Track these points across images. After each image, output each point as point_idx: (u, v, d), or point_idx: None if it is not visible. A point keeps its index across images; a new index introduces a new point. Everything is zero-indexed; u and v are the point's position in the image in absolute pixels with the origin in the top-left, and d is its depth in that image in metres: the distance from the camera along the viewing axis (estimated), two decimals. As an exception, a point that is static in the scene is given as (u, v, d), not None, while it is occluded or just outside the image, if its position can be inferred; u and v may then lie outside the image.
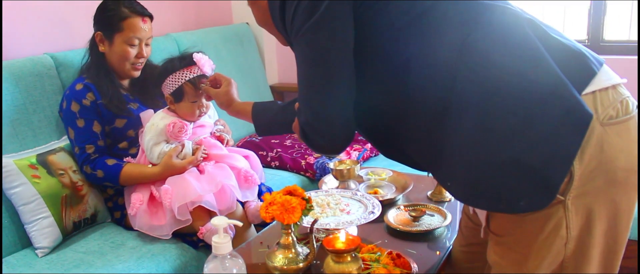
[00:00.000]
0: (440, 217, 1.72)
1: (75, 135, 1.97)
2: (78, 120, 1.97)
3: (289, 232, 1.34)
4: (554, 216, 1.10)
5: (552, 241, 1.12)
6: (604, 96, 1.09)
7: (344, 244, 1.27)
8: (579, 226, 1.11)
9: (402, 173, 2.05)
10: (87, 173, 1.96)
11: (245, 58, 3.15)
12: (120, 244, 1.89)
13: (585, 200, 1.09)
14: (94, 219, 2.01)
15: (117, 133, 2.03)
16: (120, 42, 2.00)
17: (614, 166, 1.08)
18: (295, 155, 2.59)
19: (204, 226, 1.83)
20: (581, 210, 1.10)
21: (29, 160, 1.89)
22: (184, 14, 3.03)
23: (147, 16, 2.04)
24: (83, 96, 1.97)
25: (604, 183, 1.09)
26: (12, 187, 1.83)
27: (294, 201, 1.28)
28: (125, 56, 2.02)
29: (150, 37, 2.07)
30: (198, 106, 1.96)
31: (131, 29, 1.99)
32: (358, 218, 1.59)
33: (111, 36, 2.00)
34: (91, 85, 2.00)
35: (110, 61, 2.05)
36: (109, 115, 2.00)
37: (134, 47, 2.02)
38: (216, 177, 1.88)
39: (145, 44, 2.05)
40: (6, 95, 1.95)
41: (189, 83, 1.92)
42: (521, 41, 1.10)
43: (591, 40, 2.78)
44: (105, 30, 2.01)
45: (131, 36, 1.99)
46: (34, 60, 2.09)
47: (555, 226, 1.11)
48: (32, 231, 1.84)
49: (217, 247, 1.19)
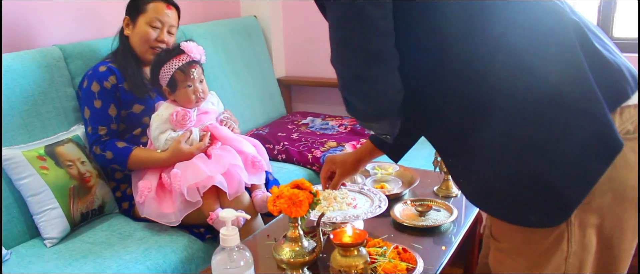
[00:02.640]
0: (446, 212, 1.72)
1: (91, 115, 2.01)
2: (96, 100, 2.00)
3: (296, 225, 1.34)
4: (556, 229, 1.06)
5: (552, 254, 1.08)
6: (626, 110, 1.05)
7: (351, 238, 1.27)
8: (581, 241, 1.07)
9: (408, 168, 2.06)
10: (96, 154, 1.99)
11: (252, 51, 3.15)
12: (127, 235, 1.90)
13: (592, 215, 1.05)
14: (101, 210, 2.03)
15: (133, 119, 2.06)
16: (143, 23, 2.07)
17: (624, 184, 1.05)
18: (301, 148, 2.59)
19: (214, 212, 1.85)
20: (586, 224, 1.06)
21: (37, 151, 1.90)
22: (192, 6, 3.03)
23: (173, 5, 2.12)
24: (105, 78, 2.01)
25: (611, 199, 1.05)
26: (21, 178, 1.84)
27: (302, 194, 1.28)
28: (145, 37, 2.07)
29: (173, 26, 2.12)
30: (193, 91, 1.99)
31: (155, 11, 2.07)
32: (364, 212, 1.59)
33: (136, 18, 2.08)
34: (115, 69, 2.04)
35: (133, 44, 2.10)
36: (129, 99, 2.03)
37: (155, 30, 2.08)
38: (223, 159, 1.91)
39: (168, 32, 2.10)
40: (15, 86, 1.96)
41: (179, 70, 1.98)
42: (561, 48, 1.02)
43: (600, 37, 2.76)
44: (132, 13, 2.10)
45: (153, 17, 2.06)
46: (42, 52, 2.10)
47: (556, 239, 1.07)
48: (41, 221, 1.85)
49: (225, 239, 1.19)
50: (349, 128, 2.82)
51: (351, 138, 2.69)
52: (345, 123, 2.89)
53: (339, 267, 1.27)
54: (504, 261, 1.17)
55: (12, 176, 1.85)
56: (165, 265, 1.76)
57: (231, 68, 2.94)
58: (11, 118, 1.93)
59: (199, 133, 2.00)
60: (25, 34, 2.24)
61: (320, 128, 2.87)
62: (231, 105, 2.79)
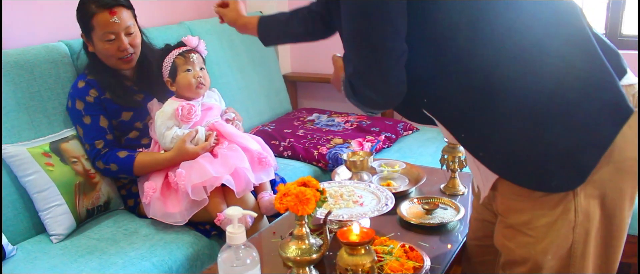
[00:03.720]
0: (453, 210, 1.71)
1: (84, 132, 1.98)
2: (84, 117, 1.97)
3: (302, 223, 1.33)
4: (563, 200, 1.14)
5: (561, 225, 1.15)
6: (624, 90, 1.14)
7: (358, 237, 1.26)
8: (586, 211, 1.14)
9: (415, 166, 2.05)
10: (101, 168, 1.97)
11: (258, 47, 3.12)
12: (133, 231, 1.90)
13: (595, 186, 1.12)
14: (107, 206, 2.02)
15: (124, 126, 2.04)
16: (98, 41, 1.94)
17: (622, 156, 1.12)
18: (307, 145, 2.58)
19: (222, 213, 1.84)
20: (590, 195, 1.13)
21: (42, 148, 1.90)
22: (198, 2, 3.02)
23: (117, 6, 1.92)
24: (86, 93, 1.97)
25: (612, 170, 1.12)
26: (27, 175, 1.84)
27: (309, 192, 1.27)
28: (106, 54, 1.97)
29: (129, 26, 1.96)
30: (193, 75, 1.99)
31: (102, 25, 1.91)
32: (371, 210, 1.58)
33: (90, 36, 1.96)
34: (93, 81, 1.99)
35: (101, 59, 2.01)
36: (115, 108, 2.01)
37: (111, 42, 1.94)
38: (229, 160, 1.90)
39: (125, 34, 1.95)
40: (21, 82, 1.96)
41: (179, 56, 1.99)
42: (571, 28, 1.11)
43: (609, 35, 2.75)
44: (84, 31, 1.98)
45: (103, 32, 1.91)
46: (48, 48, 2.10)
47: (564, 209, 1.14)
48: (47, 218, 1.85)
49: (231, 237, 1.19)
50: (355, 125, 2.81)
51: (357, 134, 2.68)
52: (352, 120, 2.88)
53: (346, 266, 1.26)
54: (514, 237, 1.22)
55: (18, 173, 1.85)
56: (170, 262, 1.76)
57: (237, 64, 2.93)
58: (17, 115, 1.93)
59: (205, 133, 1.99)
60: (32, 29, 2.23)
61: (326, 124, 2.86)
62: (237, 101, 2.78)
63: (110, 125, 2.01)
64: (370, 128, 2.76)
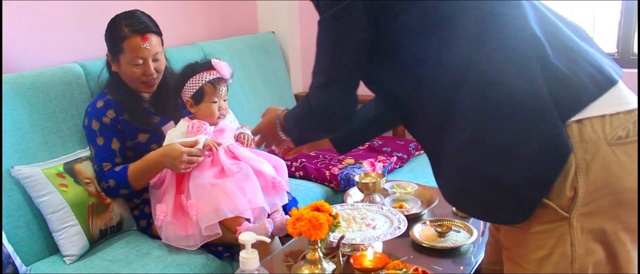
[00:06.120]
0: (466, 233, 1.70)
1: (95, 152, 2.00)
2: (98, 138, 1.98)
3: (315, 248, 1.34)
4: (556, 232, 1.11)
5: (558, 259, 1.12)
6: (615, 118, 1.09)
7: (372, 263, 1.26)
8: (585, 245, 1.10)
9: (427, 187, 2.04)
10: (104, 188, 1.98)
11: (270, 66, 3.16)
12: (145, 253, 1.90)
13: (593, 218, 1.09)
14: (119, 227, 2.03)
15: (140, 148, 2.03)
16: (125, 63, 1.96)
17: (621, 187, 1.08)
18: (319, 165, 2.58)
19: (242, 226, 1.83)
20: (587, 228, 1.09)
21: (56, 169, 1.92)
22: (211, 22, 3.05)
23: (149, 32, 1.95)
24: (103, 113, 1.98)
25: (610, 202, 1.08)
26: (41, 195, 1.85)
27: (322, 217, 1.27)
28: (132, 77, 1.99)
29: (157, 53, 1.99)
30: (218, 107, 1.98)
31: (132, 50, 1.93)
32: (384, 233, 1.58)
33: (117, 57, 1.98)
34: (112, 102, 2.00)
35: (124, 80, 2.03)
36: (132, 130, 2.01)
37: (138, 67, 1.96)
38: (243, 193, 1.86)
39: (152, 60, 1.98)
40: (37, 103, 1.98)
41: (209, 84, 1.95)
42: (520, 65, 1.10)
43: (621, 53, 2.75)
44: (112, 51, 2.00)
45: (132, 57, 1.94)
46: (64, 69, 2.12)
47: (558, 242, 1.11)
48: (60, 239, 1.86)
49: (244, 262, 1.19)
50: (366, 145, 2.81)
51: (369, 155, 2.68)
52: (363, 140, 2.88)
53: (359, 291, 1.26)
54: (513, 270, 1.21)
55: (32, 194, 1.86)
56: (183, 284, 1.76)
57: (249, 84, 2.95)
58: (33, 135, 1.95)
59: (210, 142, 1.94)
60: (47, 51, 2.26)
61: (337, 144, 2.85)
62: (248, 121, 2.78)
63: (123, 147, 2.01)
64: (382, 148, 2.76)
